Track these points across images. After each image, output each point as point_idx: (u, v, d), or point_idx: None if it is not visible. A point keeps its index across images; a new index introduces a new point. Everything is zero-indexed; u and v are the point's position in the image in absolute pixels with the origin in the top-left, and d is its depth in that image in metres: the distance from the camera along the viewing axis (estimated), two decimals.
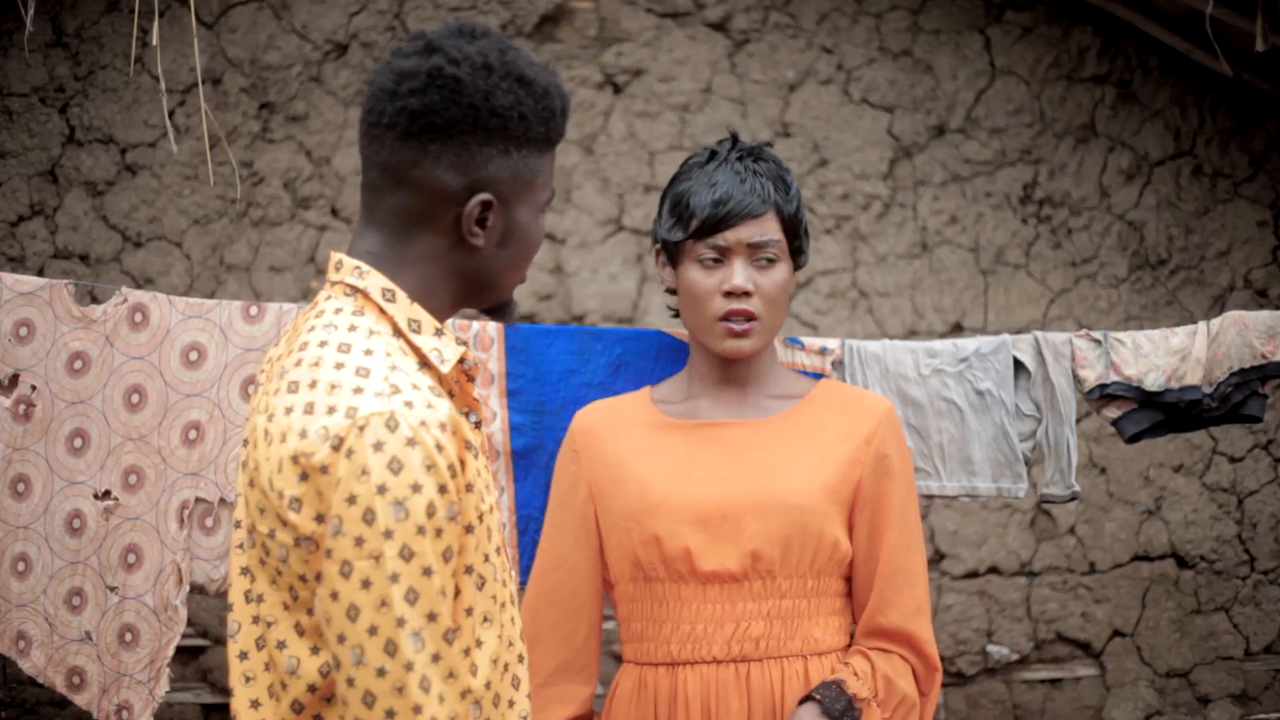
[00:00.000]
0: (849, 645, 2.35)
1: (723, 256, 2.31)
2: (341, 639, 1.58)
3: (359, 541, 1.56)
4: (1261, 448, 3.83)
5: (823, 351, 2.68)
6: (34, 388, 2.60)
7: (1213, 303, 3.81)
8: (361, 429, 1.58)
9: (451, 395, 1.77)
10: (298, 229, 3.68)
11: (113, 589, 2.60)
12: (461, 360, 1.77)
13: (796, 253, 2.37)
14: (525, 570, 2.58)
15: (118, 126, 3.60)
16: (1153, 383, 2.67)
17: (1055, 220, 3.83)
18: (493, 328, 2.70)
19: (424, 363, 1.71)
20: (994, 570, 3.83)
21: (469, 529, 1.66)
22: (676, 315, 2.44)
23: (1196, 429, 2.74)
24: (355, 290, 1.71)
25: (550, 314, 3.75)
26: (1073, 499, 2.75)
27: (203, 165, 3.57)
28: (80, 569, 2.60)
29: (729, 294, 2.30)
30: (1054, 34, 3.83)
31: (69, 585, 2.60)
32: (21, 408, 2.60)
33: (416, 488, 1.58)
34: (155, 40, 2.95)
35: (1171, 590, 3.82)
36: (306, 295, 3.65)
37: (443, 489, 1.59)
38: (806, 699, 2.23)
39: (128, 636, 2.60)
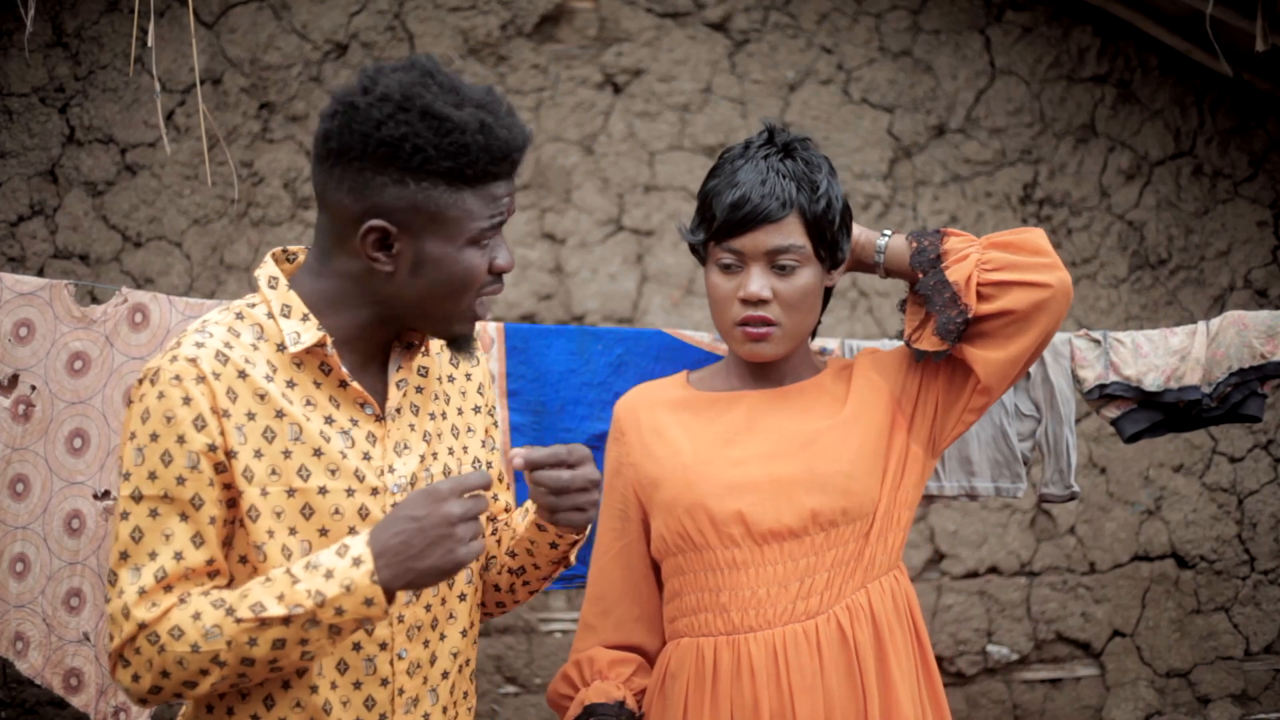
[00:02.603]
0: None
1: (741, 261, 2.22)
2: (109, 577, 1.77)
3: (119, 491, 1.74)
4: (1261, 448, 3.82)
5: (822, 352, 2.69)
6: (34, 388, 2.60)
7: (1213, 303, 3.80)
8: (140, 389, 1.76)
9: (344, 386, 1.83)
10: (298, 229, 3.68)
11: None
12: (322, 346, 1.80)
13: (830, 252, 2.25)
14: None
15: (118, 126, 3.59)
16: (1152, 383, 2.67)
17: (1055, 220, 3.83)
18: (493, 328, 2.70)
19: (284, 345, 1.81)
20: (994, 570, 3.83)
21: (240, 478, 1.74)
22: None
23: (1196, 429, 2.74)
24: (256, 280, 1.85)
25: (550, 314, 3.75)
26: (1071, 499, 2.75)
27: (203, 165, 3.57)
28: (79, 569, 2.60)
29: (745, 301, 2.22)
30: (1054, 34, 3.83)
31: (68, 586, 2.60)
32: (21, 408, 2.60)
33: (154, 436, 1.72)
34: (151, 42, 2.95)
35: (1171, 590, 3.82)
36: None
37: (181, 439, 1.71)
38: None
39: None
